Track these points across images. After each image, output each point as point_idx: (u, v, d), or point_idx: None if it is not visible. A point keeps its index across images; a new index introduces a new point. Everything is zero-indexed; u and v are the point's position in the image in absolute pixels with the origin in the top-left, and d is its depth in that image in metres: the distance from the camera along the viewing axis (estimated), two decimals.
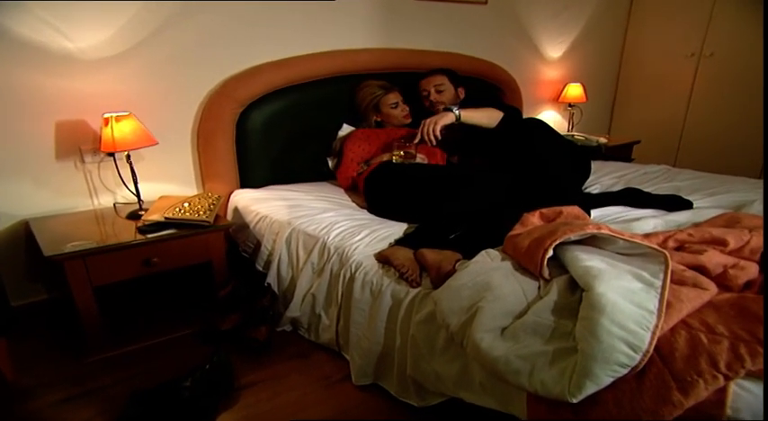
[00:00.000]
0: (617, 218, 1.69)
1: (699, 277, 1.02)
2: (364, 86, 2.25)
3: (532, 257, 1.09)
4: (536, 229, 1.18)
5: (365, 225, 1.72)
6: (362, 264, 1.50)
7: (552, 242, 1.06)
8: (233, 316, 1.75)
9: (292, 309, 1.74)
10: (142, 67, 1.88)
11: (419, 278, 1.38)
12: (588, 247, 1.10)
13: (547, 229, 1.14)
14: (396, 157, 1.94)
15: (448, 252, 1.41)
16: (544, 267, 1.07)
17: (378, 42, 2.47)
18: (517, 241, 1.18)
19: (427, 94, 2.23)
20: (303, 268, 1.70)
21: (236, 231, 2.08)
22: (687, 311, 0.94)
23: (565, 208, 1.33)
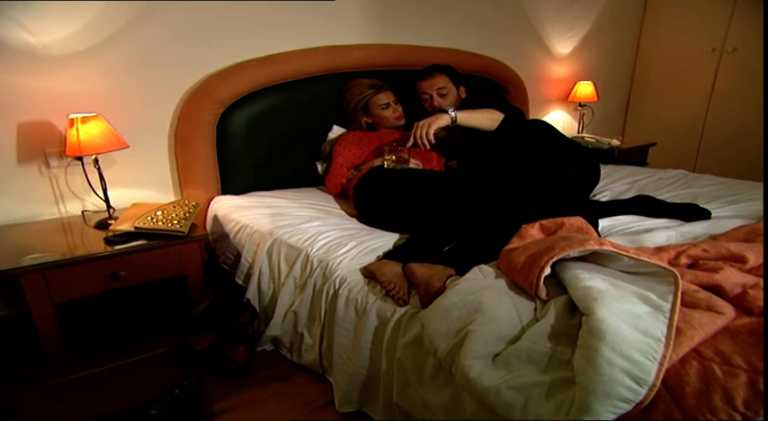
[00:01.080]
0: (627, 228, 1.66)
1: (714, 299, 0.97)
2: (352, 86, 2.23)
3: (527, 276, 1.05)
4: (533, 244, 1.13)
5: (353, 235, 1.69)
6: (347, 280, 1.46)
7: (549, 259, 1.01)
8: (208, 334, 1.71)
9: (273, 328, 1.70)
10: (113, 64, 1.86)
11: (407, 296, 1.34)
12: (590, 265, 1.06)
13: (544, 244, 1.09)
14: (387, 162, 1.91)
15: (439, 267, 1.37)
16: (540, 287, 1.02)
17: (372, 38, 2.46)
18: (512, 257, 1.13)
19: (429, 97, 2.20)
20: (285, 282, 1.66)
21: (216, 241, 2.05)
22: (700, 339, 0.89)
23: (567, 219, 1.28)
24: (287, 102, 2.17)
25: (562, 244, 1.03)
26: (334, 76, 2.29)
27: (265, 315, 1.77)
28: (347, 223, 1.82)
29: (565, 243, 1.03)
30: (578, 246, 1.00)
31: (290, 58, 2.18)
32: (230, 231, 1.93)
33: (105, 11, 1.78)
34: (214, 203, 2.08)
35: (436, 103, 2.17)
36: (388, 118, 2.20)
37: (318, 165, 2.33)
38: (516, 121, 1.85)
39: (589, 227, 1.25)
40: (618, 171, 2.47)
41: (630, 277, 1.01)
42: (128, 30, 1.85)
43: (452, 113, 1.83)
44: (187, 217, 1.77)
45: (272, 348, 1.78)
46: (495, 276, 1.18)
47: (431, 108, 2.20)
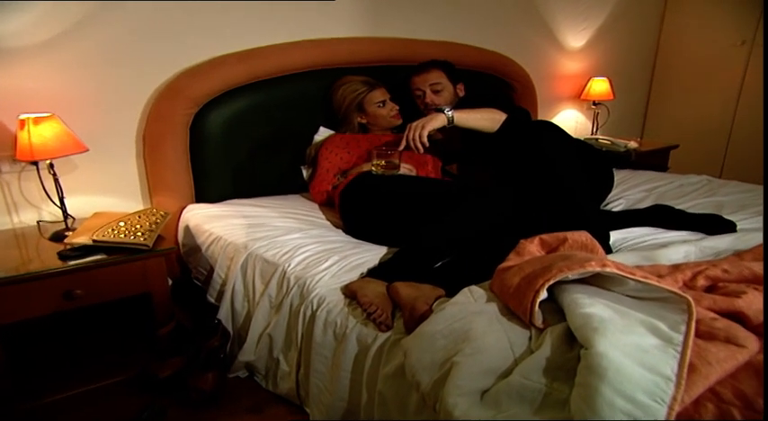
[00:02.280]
0: (641, 242, 1.62)
1: (734, 329, 0.91)
2: (343, 83, 2.20)
3: (521, 300, 1.00)
4: (528, 263, 1.08)
5: (336, 249, 1.66)
6: (326, 300, 1.43)
7: (545, 282, 0.97)
8: (175, 359, 1.67)
9: (246, 352, 1.66)
10: (71, 59, 1.82)
11: (390, 319, 1.30)
12: (592, 288, 1.01)
13: (540, 264, 1.04)
14: (375, 168, 1.87)
15: (426, 287, 1.33)
16: (535, 314, 0.98)
17: (362, 30, 2.44)
18: (505, 278, 1.09)
19: (422, 94, 2.18)
20: (259, 302, 1.63)
21: (187, 254, 2.03)
22: (717, 377, 0.83)
23: (571, 234, 1.23)
24: (268, 101, 2.15)
25: (560, 264, 0.98)
26: (320, 73, 2.26)
27: (239, 337, 1.74)
28: (331, 235, 1.80)
29: (563, 263, 0.98)
30: (578, 267, 0.95)
31: (271, 53, 2.16)
32: (202, 244, 1.91)
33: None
34: (186, 212, 2.05)
35: (429, 100, 2.15)
36: (384, 117, 2.18)
37: (303, 170, 2.31)
38: (520, 122, 1.82)
39: (595, 243, 1.20)
40: (634, 177, 2.45)
41: (638, 303, 0.96)
42: (88, 21, 1.81)
43: (449, 113, 1.81)
44: (153, 228, 1.73)
45: (246, 375, 1.74)
46: (487, 299, 1.13)
47: (423, 105, 2.18)
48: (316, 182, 2.08)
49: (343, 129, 2.24)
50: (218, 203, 2.10)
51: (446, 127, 1.83)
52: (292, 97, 2.21)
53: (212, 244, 1.85)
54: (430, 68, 2.18)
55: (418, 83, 2.18)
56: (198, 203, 2.11)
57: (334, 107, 2.23)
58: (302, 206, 2.09)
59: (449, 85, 2.18)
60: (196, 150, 2.06)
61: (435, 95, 2.15)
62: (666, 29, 3.63)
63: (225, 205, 2.08)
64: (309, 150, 2.25)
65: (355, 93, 2.17)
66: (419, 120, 1.82)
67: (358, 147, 2.12)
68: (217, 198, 2.12)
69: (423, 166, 2.09)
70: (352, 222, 1.83)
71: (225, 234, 1.83)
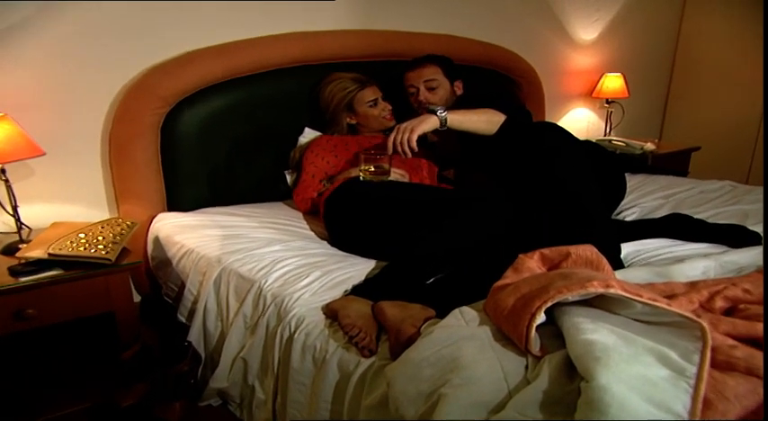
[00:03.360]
0: (655, 256, 1.61)
1: (756, 358, 0.88)
2: (332, 80, 2.20)
3: (516, 324, 0.97)
4: (525, 282, 1.06)
5: (318, 263, 1.65)
6: (304, 321, 1.40)
7: (542, 304, 0.94)
8: (139, 386, 1.64)
9: (219, 378, 1.64)
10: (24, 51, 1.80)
11: (374, 343, 1.27)
12: (596, 310, 0.98)
13: (538, 283, 1.02)
14: (363, 173, 1.86)
15: (415, 307, 1.30)
16: (531, 340, 0.95)
17: (353, 22, 2.44)
18: (499, 298, 1.06)
19: (415, 91, 2.18)
20: (234, 322, 1.60)
21: (157, 268, 2.02)
22: (736, 415, 0.81)
23: (575, 248, 1.21)
24: (248, 99, 2.15)
25: (559, 284, 0.96)
26: (306, 69, 2.26)
27: (211, 361, 1.71)
28: (315, 248, 1.79)
29: (562, 283, 0.95)
30: (578, 287, 0.92)
31: (251, 47, 2.15)
32: (173, 257, 1.89)
33: None
34: (156, 222, 2.04)
35: (422, 98, 2.15)
36: (376, 117, 2.18)
37: (287, 175, 2.30)
38: (520, 124, 1.81)
39: (601, 259, 1.18)
40: (650, 182, 2.44)
41: (646, 328, 0.93)
42: (45, 9, 1.79)
43: (442, 114, 1.80)
44: (118, 240, 1.71)
45: (219, 403, 1.71)
46: (479, 322, 1.10)
47: (417, 103, 2.17)
48: (300, 188, 2.07)
49: (330, 131, 2.24)
50: (192, 212, 2.09)
51: (439, 129, 1.81)
52: (275, 95, 2.20)
53: (183, 257, 1.84)
54: (425, 63, 2.18)
55: (412, 79, 2.17)
56: (170, 212, 2.09)
57: (322, 106, 2.23)
58: (285, 215, 2.08)
59: (445, 82, 2.17)
60: (168, 154, 2.05)
61: (430, 93, 2.15)
62: (687, 19, 3.62)
63: (199, 214, 2.06)
64: (293, 153, 2.24)
65: (344, 91, 2.17)
66: (408, 122, 1.80)
67: (346, 151, 2.11)
68: (191, 206, 2.11)
69: (417, 172, 2.08)
70: (337, 233, 1.81)
71: (197, 246, 1.82)
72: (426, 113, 1.83)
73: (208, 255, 1.75)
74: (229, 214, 2.06)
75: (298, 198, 2.07)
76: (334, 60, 2.30)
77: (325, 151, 2.10)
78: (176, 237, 1.90)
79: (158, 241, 1.97)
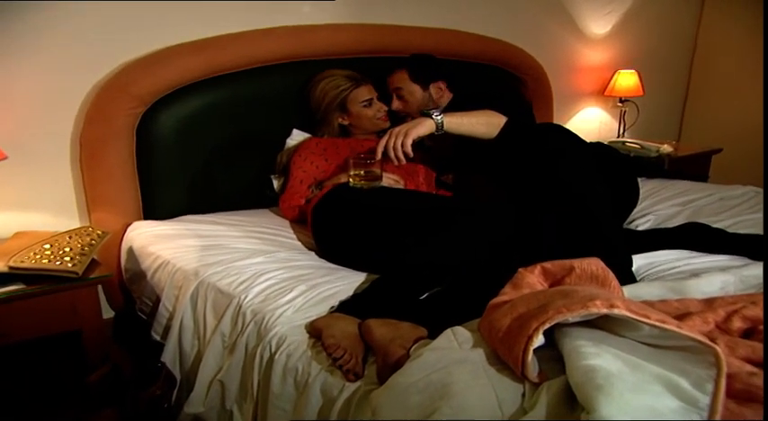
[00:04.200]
0: (670, 269, 1.60)
1: None
2: (323, 78, 2.20)
3: (512, 347, 0.95)
4: (523, 300, 1.04)
5: (304, 277, 1.63)
6: (286, 340, 1.38)
7: (540, 325, 0.92)
8: (108, 411, 1.65)
9: (194, 402, 1.60)
10: None
11: (361, 366, 1.24)
12: (599, 332, 0.96)
13: (536, 302, 1.00)
14: (353, 179, 1.85)
15: (405, 326, 1.28)
16: (528, 364, 0.92)
17: (344, 16, 2.42)
18: (495, 318, 1.04)
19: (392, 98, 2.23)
20: (211, 341, 1.58)
21: (131, 281, 2.01)
22: None
23: (579, 262, 1.19)
24: (232, 99, 2.16)
25: (558, 303, 0.94)
26: (294, 66, 2.27)
27: (187, 384, 1.68)
28: (301, 259, 1.78)
29: (562, 302, 0.94)
30: (579, 307, 0.90)
31: (235, 42, 2.15)
32: (147, 269, 1.89)
33: None
34: (130, 231, 2.04)
35: (395, 107, 2.20)
36: (370, 118, 2.18)
37: (274, 180, 2.31)
38: (522, 126, 1.81)
39: (607, 274, 1.16)
40: (667, 187, 2.44)
41: (655, 353, 0.90)
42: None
43: (438, 118, 1.80)
44: (86, 251, 1.70)
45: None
46: (473, 344, 1.08)
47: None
48: (287, 195, 2.06)
49: (320, 133, 2.24)
50: (170, 220, 2.08)
51: (435, 134, 1.81)
52: (261, 94, 2.21)
53: (158, 269, 1.83)
54: (394, 69, 2.20)
55: (389, 84, 2.21)
56: (145, 220, 2.09)
57: (312, 106, 2.23)
58: (270, 223, 2.08)
59: (414, 89, 2.17)
60: (144, 157, 2.05)
61: (400, 102, 2.19)
62: (708, 11, 3.62)
63: (177, 222, 2.06)
64: (280, 157, 2.24)
65: (338, 89, 2.17)
66: (402, 126, 1.81)
67: (337, 154, 2.11)
68: (168, 214, 2.11)
69: (413, 177, 2.08)
70: (325, 243, 1.80)
71: (173, 257, 1.81)
72: (421, 116, 1.83)
73: (184, 268, 1.74)
74: (210, 223, 2.05)
75: (284, 205, 2.06)
76: (326, 57, 2.30)
77: (314, 155, 2.10)
78: (151, 248, 1.89)
79: (132, 252, 1.96)
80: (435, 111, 1.83)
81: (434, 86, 2.19)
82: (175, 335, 1.68)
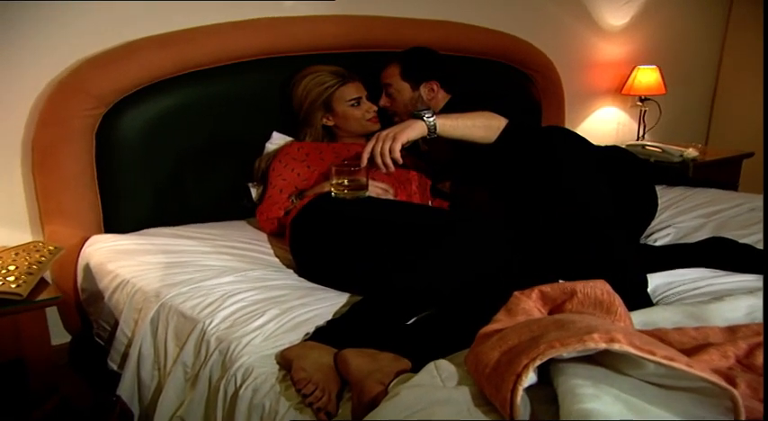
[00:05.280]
0: (691, 290, 1.59)
1: None
2: (307, 74, 2.20)
3: (499, 387, 0.91)
4: (514, 331, 1.00)
5: (278, 299, 1.61)
6: (252, 373, 1.34)
7: (530, 362, 0.88)
8: None
9: None
10: None
11: (334, 404, 1.20)
12: (599, 369, 0.92)
13: (529, 333, 0.96)
14: (336, 189, 1.82)
15: (387, 357, 1.25)
16: (517, 406, 0.88)
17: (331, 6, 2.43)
18: (482, 351, 1.00)
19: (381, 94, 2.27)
20: (172, 372, 1.56)
21: (88, 303, 1.99)
22: None
23: (582, 285, 1.15)
24: (204, 98, 2.17)
25: (551, 336, 0.90)
26: (274, 62, 2.28)
27: (146, 419, 1.67)
28: (277, 278, 1.77)
29: (556, 334, 0.90)
30: (574, 341, 0.85)
31: (207, 36, 2.15)
32: (105, 289, 1.87)
33: None
34: (88, 246, 2.02)
35: (381, 103, 2.22)
36: (358, 119, 2.19)
37: (252, 188, 2.31)
38: (523, 129, 1.79)
39: (614, 299, 1.12)
40: (690, 196, 2.43)
41: (662, 394, 0.86)
42: None
43: (430, 120, 1.79)
44: (33, 270, 1.69)
45: None
46: (458, 381, 1.04)
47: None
48: (264, 205, 2.06)
49: (303, 135, 2.24)
50: (133, 234, 2.07)
51: (428, 137, 1.80)
52: (236, 94, 2.22)
53: (117, 290, 1.81)
54: (387, 63, 2.23)
55: (380, 80, 2.24)
56: (106, 234, 2.08)
57: (294, 105, 2.23)
58: (246, 237, 2.08)
59: (403, 87, 2.19)
60: (105, 163, 2.05)
61: (388, 100, 2.22)
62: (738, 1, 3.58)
63: (141, 237, 2.05)
64: (259, 163, 2.24)
65: (322, 86, 2.17)
66: (390, 129, 1.80)
67: (320, 160, 2.11)
68: (132, 226, 2.11)
69: (404, 186, 2.07)
70: (304, 260, 1.79)
71: (134, 276, 1.79)
72: (412, 118, 1.82)
73: (145, 288, 1.72)
74: (178, 236, 2.04)
75: (262, 217, 2.05)
76: (309, 52, 2.31)
77: (295, 161, 2.10)
78: (110, 265, 1.87)
79: (89, 270, 1.95)
80: (427, 112, 1.82)
81: (426, 87, 2.19)
82: (133, 364, 1.67)
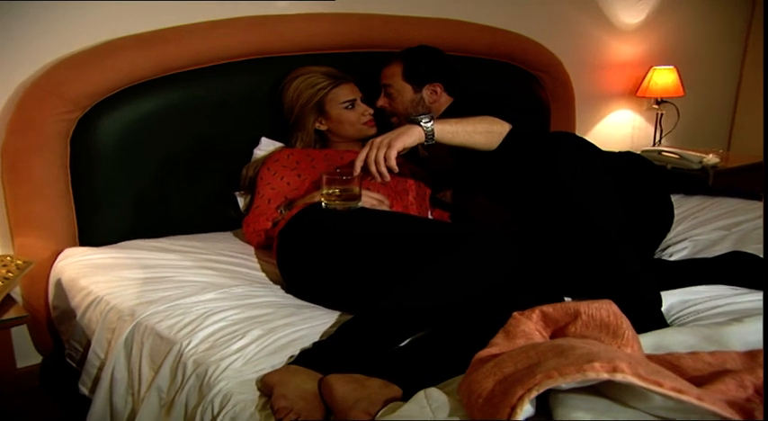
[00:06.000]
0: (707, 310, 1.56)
1: None
2: (298, 75, 2.21)
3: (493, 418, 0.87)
4: (511, 357, 0.97)
5: (262, 318, 1.59)
6: (231, 399, 1.32)
7: (526, 393, 0.85)
8: None
9: None
10: None
11: None
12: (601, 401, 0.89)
13: (527, 360, 0.93)
14: (326, 199, 1.81)
15: (375, 383, 1.23)
16: None
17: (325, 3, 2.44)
18: (475, 380, 0.97)
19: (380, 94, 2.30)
20: (146, 398, 1.53)
21: (60, 321, 1.98)
22: None
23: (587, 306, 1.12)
24: (188, 102, 2.18)
25: (550, 364, 0.87)
26: (263, 63, 2.29)
27: None
28: (262, 295, 1.75)
29: (554, 362, 0.87)
30: (573, 371, 0.82)
31: (192, 35, 2.16)
32: (77, 307, 1.85)
33: None
34: (61, 260, 2.01)
35: (379, 104, 2.24)
36: (353, 123, 2.19)
37: (239, 198, 2.31)
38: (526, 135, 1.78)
39: (621, 321, 1.09)
40: (710, 206, 2.42)
41: None
42: None
43: (427, 125, 1.78)
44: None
45: None
46: (450, 411, 1.02)
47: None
48: (251, 216, 2.05)
49: (293, 140, 2.24)
50: (111, 246, 2.07)
51: (426, 144, 1.79)
52: (223, 97, 2.23)
53: (90, 307, 1.79)
54: (390, 61, 2.25)
55: (380, 80, 2.26)
56: (81, 247, 2.08)
57: (285, 109, 2.24)
58: (231, 251, 2.07)
59: (404, 87, 2.20)
60: (80, 171, 2.05)
61: (387, 100, 2.24)
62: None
63: (118, 250, 2.04)
64: (246, 170, 2.25)
65: (314, 88, 2.17)
66: (385, 136, 1.79)
67: (312, 168, 2.10)
68: (110, 238, 2.10)
69: (401, 196, 2.07)
70: (292, 275, 1.78)
71: (108, 293, 1.77)
72: (408, 123, 1.80)
73: (119, 306, 1.70)
74: (158, 250, 2.03)
75: (248, 229, 2.05)
76: (301, 52, 2.32)
77: (285, 169, 2.10)
78: (83, 281, 1.86)
79: (61, 285, 1.94)
80: (425, 117, 1.81)
81: (429, 88, 2.20)
82: (105, 388, 1.65)
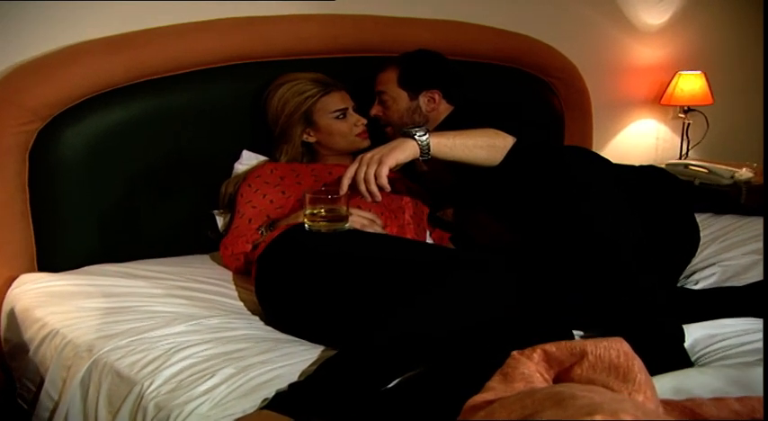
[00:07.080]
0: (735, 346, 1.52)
1: None
2: (284, 83, 2.21)
3: None
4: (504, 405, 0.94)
5: (236, 354, 1.56)
6: None
7: None
8: None
9: None
10: None
11: None
12: None
13: (521, 410, 0.90)
14: (310, 220, 1.79)
15: None
16: None
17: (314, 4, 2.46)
18: None
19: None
20: None
21: (11, 356, 1.95)
22: None
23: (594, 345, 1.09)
24: (162, 111, 2.19)
25: (547, 414, 0.84)
26: (245, 69, 2.32)
27: None
28: (239, 327, 1.73)
29: (552, 412, 0.83)
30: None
31: (165, 38, 2.19)
32: (30, 340, 1.82)
33: None
34: (15, 288, 1.99)
35: (373, 112, 2.25)
36: (344, 134, 2.20)
37: (218, 217, 2.30)
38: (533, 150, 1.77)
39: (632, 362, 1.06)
40: (741, 227, 2.41)
41: None
42: None
43: (423, 139, 1.77)
44: None
45: None
46: None
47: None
48: (230, 238, 2.03)
49: (278, 154, 2.24)
50: (73, 272, 2.05)
51: (421, 159, 1.79)
52: (200, 106, 2.24)
53: (44, 342, 1.76)
54: (385, 66, 2.28)
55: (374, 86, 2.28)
56: (39, 272, 2.07)
57: (269, 119, 2.24)
58: (207, 276, 2.06)
59: (399, 94, 2.22)
60: (41, 187, 2.06)
61: (381, 108, 2.27)
62: None
63: (81, 276, 2.02)
64: (226, 187, 2.24)
65: (301, 96, 2.17)
66: (376, 150, 1.78)
67: (297, 184, 2.09)
68: (73, 263, 2.08)
69: (396, 215, 2.06)
70: (271, 305, 1.76)
71: (65, 326, 1.74)
72: (401, 137, 1.80)
73: (76, 341, 1.67)
74: (125, 276, 2.01)
75: (226, 252, 2.03)
76: (287, 56, 2.34)
77: (267, 185, 2.09)
78: (38, 312, 1.83)
79: (13, 316, 1.91)
80: (420, 129, 1.80)
81: (426, 95, 2.21)
82: None
